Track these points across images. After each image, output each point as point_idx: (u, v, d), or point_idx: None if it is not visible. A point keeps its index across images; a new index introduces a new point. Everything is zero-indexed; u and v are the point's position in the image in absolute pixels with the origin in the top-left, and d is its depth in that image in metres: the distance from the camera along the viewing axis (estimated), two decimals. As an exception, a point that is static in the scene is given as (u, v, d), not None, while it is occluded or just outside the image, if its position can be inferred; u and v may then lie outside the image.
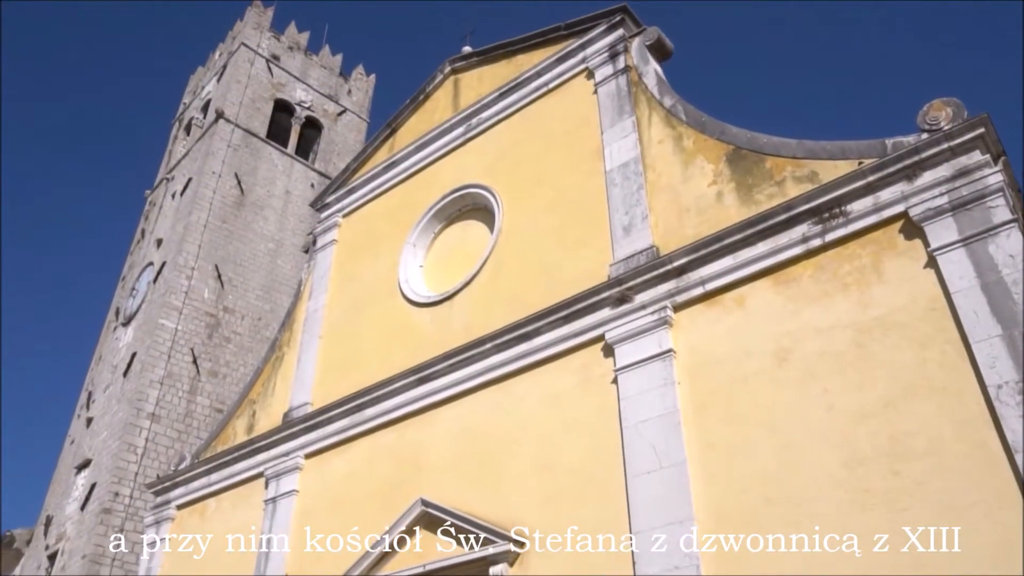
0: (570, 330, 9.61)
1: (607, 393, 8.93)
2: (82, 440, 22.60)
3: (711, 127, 9.92)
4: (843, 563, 6.62)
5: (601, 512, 8.26)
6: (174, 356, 21.10)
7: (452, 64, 14.92)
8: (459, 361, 10.69)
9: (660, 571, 7.49)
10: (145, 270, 25.38)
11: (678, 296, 8.86)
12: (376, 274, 13.61)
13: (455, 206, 13.21)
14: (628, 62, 11.52)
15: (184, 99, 33.99)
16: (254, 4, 30.84)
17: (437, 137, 14.11)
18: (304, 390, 13.35)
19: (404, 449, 10.90)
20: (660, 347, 8.66)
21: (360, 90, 32.56)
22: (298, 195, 27.27)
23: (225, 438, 14.75)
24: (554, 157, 11.72)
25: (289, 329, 14.96)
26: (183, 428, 20.39)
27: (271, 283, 24.65)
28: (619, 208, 10.20)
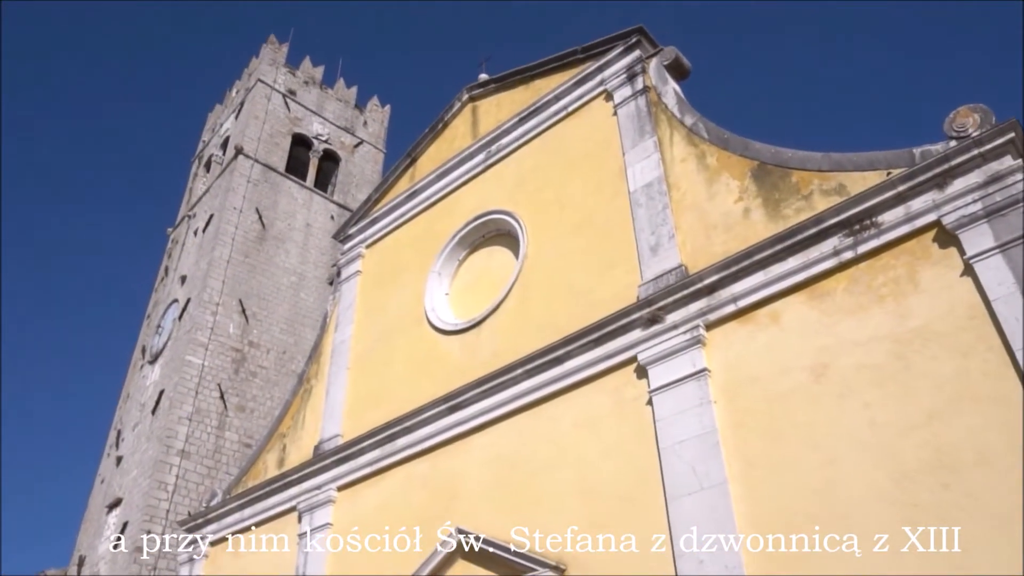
0: (602, 352, 9.56)
1: (642, 415, 8.86)
2: (112, 479, 22.69)
3: (734, 143, 9.90)
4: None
5: (642, 535, 8.15)
6: (202, 392, 21.20)
7: (469, 92, 15.02)
8: (490, 388, 10.64)
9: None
10: (170, 307, 25.59)
11: (710, 314, 8.80)
12: (402, 303, 13.63)
13: (478, 233, 13.24)
14: (647, 83, 11.55)
15: (203, 137, 34.46)
16: (269, 41, 31.30)
17: (457, 165, 14.18)
18: (334, 422, 13.34)
19: (438, 478, 10.84)
20: (694, 367, 8.59)
21: (376, 121, 32.87)
22: (319, 227, 27.47)
23: (256, 473, 14.75)
24: (576, 180, 11.74)
25: (316, 361, 14.98)
26: (212, 464, 20.43)
27: (295, 316, 24.76)
28: (645, 228, 10.17)
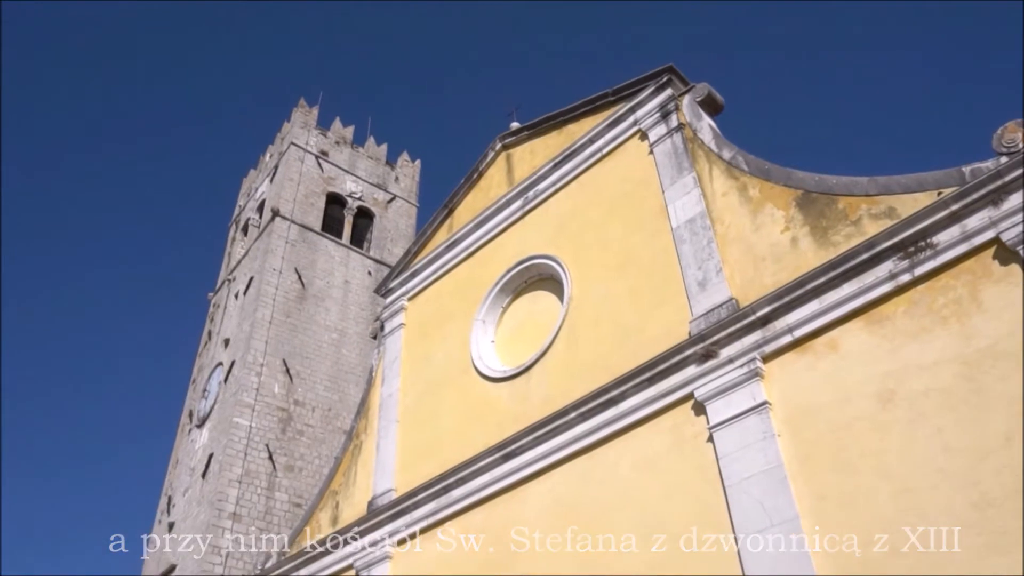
0: (657, 391, 9.44)
1: (704, 452, 8.70)
2: (165, 546, 22.73)
3: (776, 174, 9.86)
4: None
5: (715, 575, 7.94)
6: (250, 453, 21.28)
7: (502, 140, 15.19)
8: (544, 434, 10.55)
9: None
10: (215, 370, 25.87)
11: (766, 346, 8.67)
12: (448, 354, 13.63)
13: (521, 278, 13.26)
14: (681, 120, 11.59)
15: (239, 202, 35.17)
16: (300, 105, 32.06)
17: (495, 213, 14.28)
18: (386, 476, 13.28)
19: (496, 528, 10.70)
20: (754, 400, 8.45)
21: (407, 176, 33.34)
22: (357, 284, 27.74)
23: (310, 532, 14.67)
24: (617, 220, 11.75)
25: (365, 416, 14.98)
26: (264, 526, 20.39)
27: (337, 373, 24.88)
28: (691, 264, 10.11)
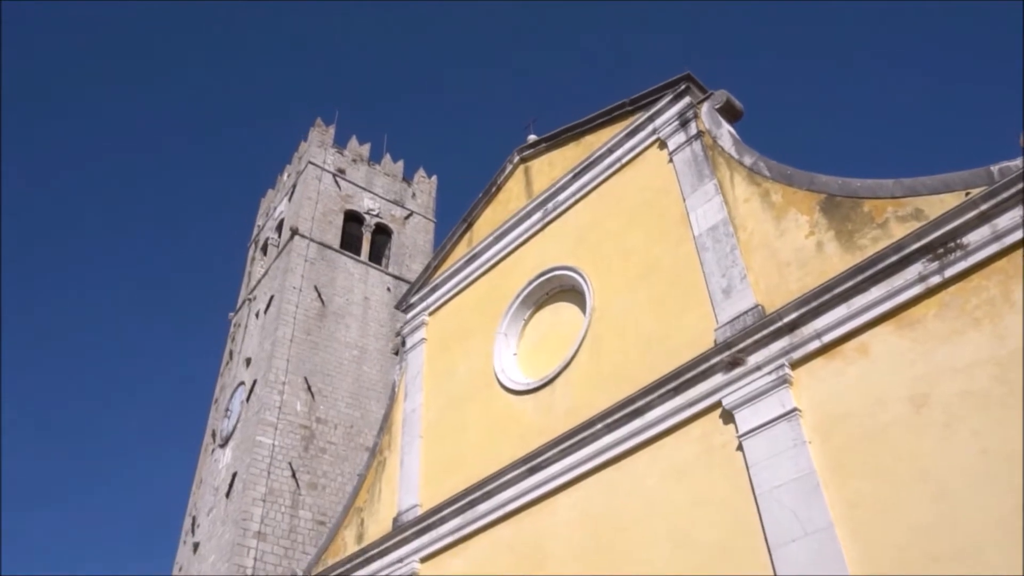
0: (683, 400, 9.35)
1: (733, 461, 8.59)
2: (190, 566, 22.74)
3: (798, 178, 9.78)
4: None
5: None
6: (273, 472, 21.29)
7: (520, 153, 15.19)
8: (570, 446, 10.46)
9: (823, 647, 6.99)
10: (237, 390, 25.95)
11: (793, 353, 8.57)
12: (470, 368, 13.59)
13: (542, 290, 13.21)
14: (700, 127, 11.55)
15: (257, 222, 35.41)
16: (316, 124, 32.29)
17: (515, 226, 14.26)
18: (411, 492, 13.21)
19: (524, 542, 10.60)
20: (783, 407, 8.34)
21: (424, 192, 33.46)
22: (376, 300, 27.79)
23: (335, 550, 14.62)
24: (638, 230, 11.69)
25: (388, 432, 14.94)
26: (289, 544, 20.37)
27: (359, 390, 24.89)
28: (715, 272, 10.04)
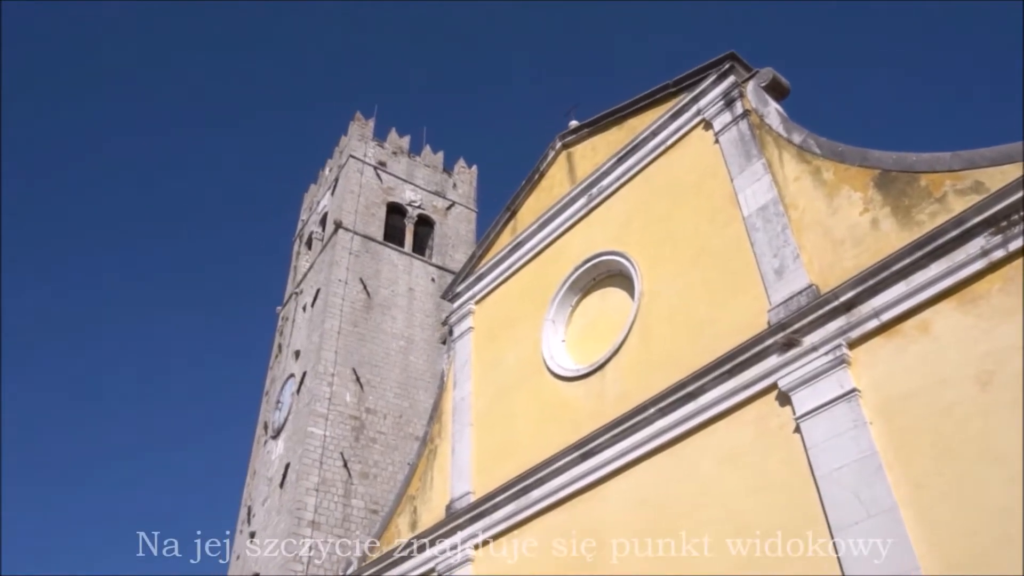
0: (738, 383, 9.24)
1: (791, 444, 8.47)
2: (248, 555, 23.21)
3: (850, 155, 9.57)
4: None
5: (810, 571, 7.70)
6: (326, 462, 21.60)
7: (562, 139, 15.11)
8: (622, 431, 10.42)
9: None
10: (287, 382, 26.36)
11: (851, 332, 8.41)
12: (519, 355, 13.60)
13: (589, 276, 13.16)
14: (746, 106, 11.36)
15: (301, 216, 35.82)
16: (356, 118, 32.51)
17: (559, 212, 14.21)
18: (464, 480, 13.30)
19: (579, 528, 10.61)
20: (842, 388, 8.19)
21: (465, 182, 33.52)
22: (421, 291, 27.98)
23: (389, 538, 14.79)
24: (685, 212, 11.56)
25: (438, 421, 15.05)
26: (342, 533, 20.67)
27: (406, 380, 25.11)
28: (766, 252, 9.88)
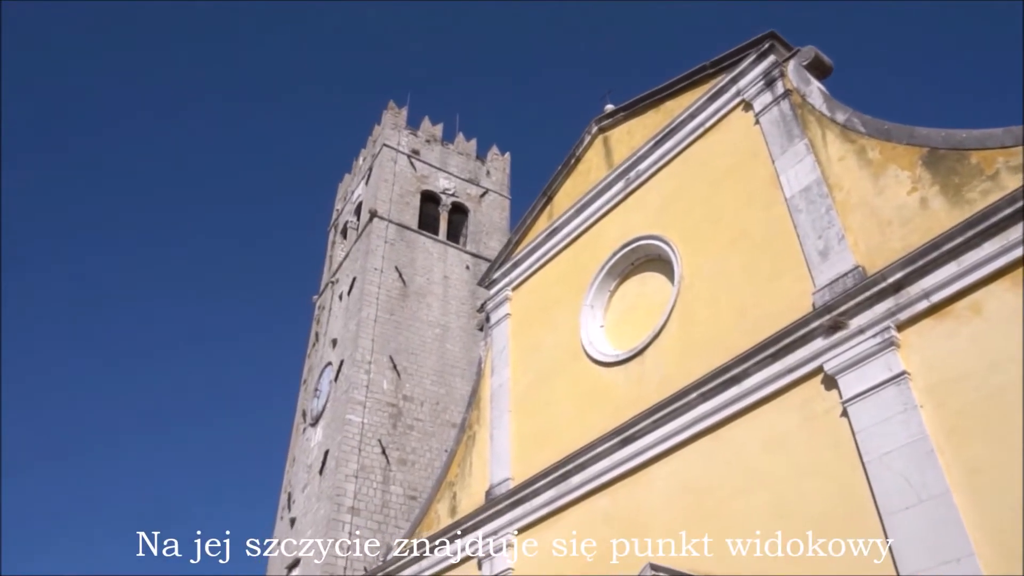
0: (782, 367, 9.11)
1: (838, 428, 8.34)
2: (288, 541, 23.53)
3: (897, 133, 9.35)
4: None
5: (860, 558, 7.59)
6: (364, 449, 21.78)
7: (598, 123, 14.98)
8: (663, 416, 10.34)
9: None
10: (324, 370, 26.60)
11: (900, 314, 8.23)
12: (557, 341, 13.56)
13: (627, 261, 13.05)
14: (787, 86, 11.15)
15: (336, 206, 36.04)
16: (389, 107, 32.56)
17: (596, 197, 14.10)
18: (503, 466, 13.31)
19: (620, 513, 10.57)
20: (891, 371, 8.03)
21: (498, 169, 33.47)
22: (456, 279, 28.03)
23: (429, 524, 14.88)
24: (726, 195, 11.40)
25: (476, 408, 15.08)
26: (382, 519, 20.85)
27: (443, 367, 25.21)
28: (809, 234, 9.71)
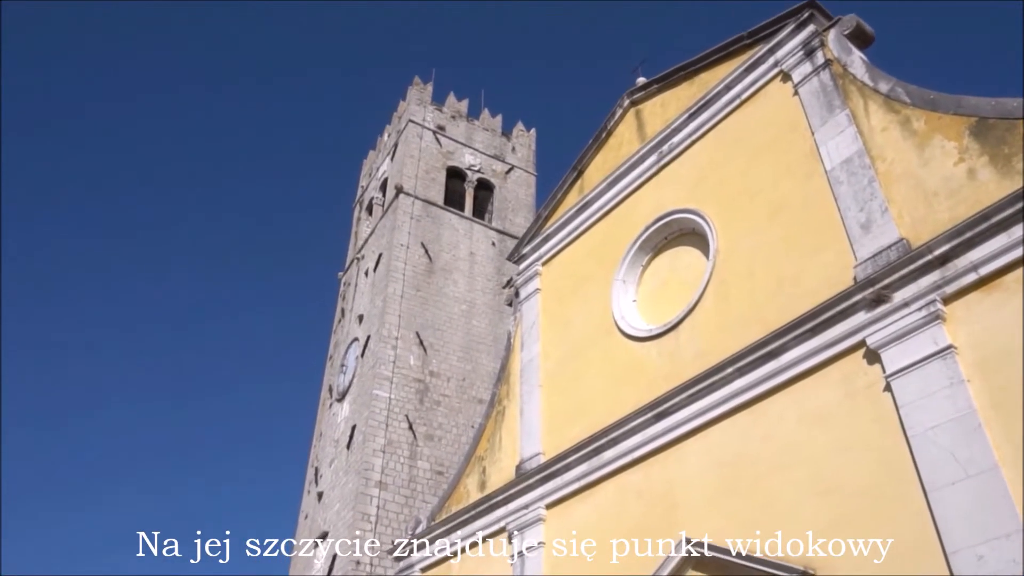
0: (822, 341, 8.97)
1: (880, 402, 8.20)
2: (316, 514, 23.76)
3: (943, 103, 9.12)
4: None
5: (903, 533, 7.48)
6: (391, 424, 21.90)
7: (630, 96, 14.77)
8: (699, 391, 10.25)
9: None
10: (351, 346, 26.71)
11: (946, 287, 8.06)
12: (588, 316, 13.47)
13: (660, 235, 12.90)
14: (827, 56, 10.92)
15: (361, 183, 36.03)
16: (414, 83, 32.41)
17: (628, 171, 13.94)
18: (533, 441, 13.29)
19: (654, 488, 10.51)
20: (936, 345, 7.87)
21: (523, 146, 33.27)
22: (482, 255, 27.98)
23: (458, 498, 14.93)
24: (763, 167, 11.21)
25: (506, 383, 15.05)
26: (409, 493, 20.99)
27: (469, 343, 25.23)
28: (851, 206, 9.53)
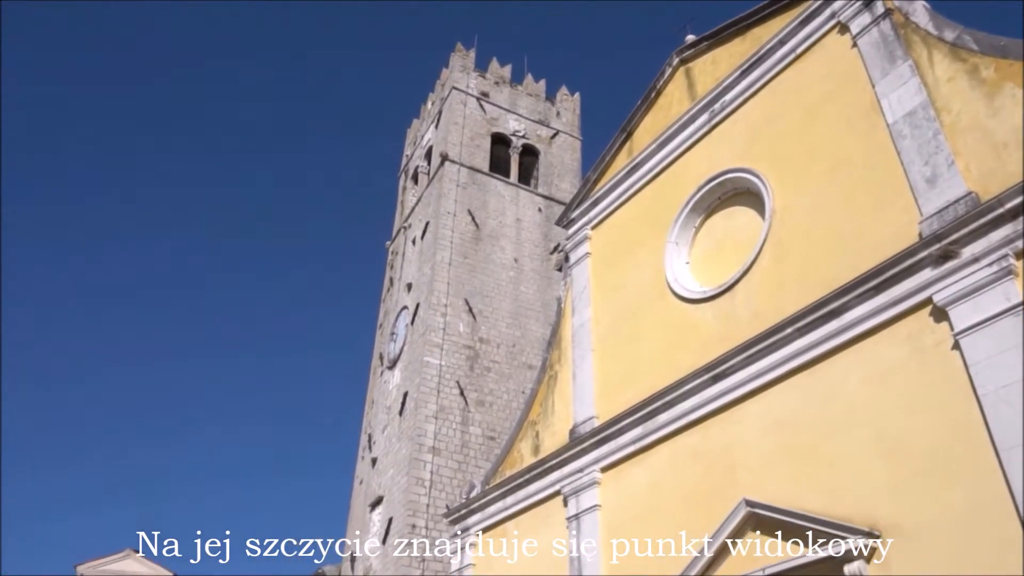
0: (886, 299, 8.75)
1: (948, 361, 7.99)
2: (370, 479, 24.19)
3: (1015, 49, 8.74)
4: None
5: (973, 494, 7.33)
6: (443, 390, 22.10)
7: (680, 55, 14.46)
8: (756, 352, 10.10)
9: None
10: (400, 314, 26.95)
11: (1018, 241, 7.78)
12: (640, 279, 13.35)
13: (713, 195, 12.68)
14: (888, 5, 10.53)
15: (406, 152, 36.05)
16: (457, 49, 32.18)
17: (679, 131, 13.69)
18: (586, 405, 13.30)
19: (711, 450, 10.45)
20: (1008, 301, 7.63)
21: (568, 110, 32.91)
22: (528, 221, 27.88)
23: (512, 462, 15.04)
24: (820, 124, 10.91)
25: (557, 348, 15.05)
26: (462, 458, 21.23)
27: (517, 309, 25.27)
28: (915, 160, 9.23)
